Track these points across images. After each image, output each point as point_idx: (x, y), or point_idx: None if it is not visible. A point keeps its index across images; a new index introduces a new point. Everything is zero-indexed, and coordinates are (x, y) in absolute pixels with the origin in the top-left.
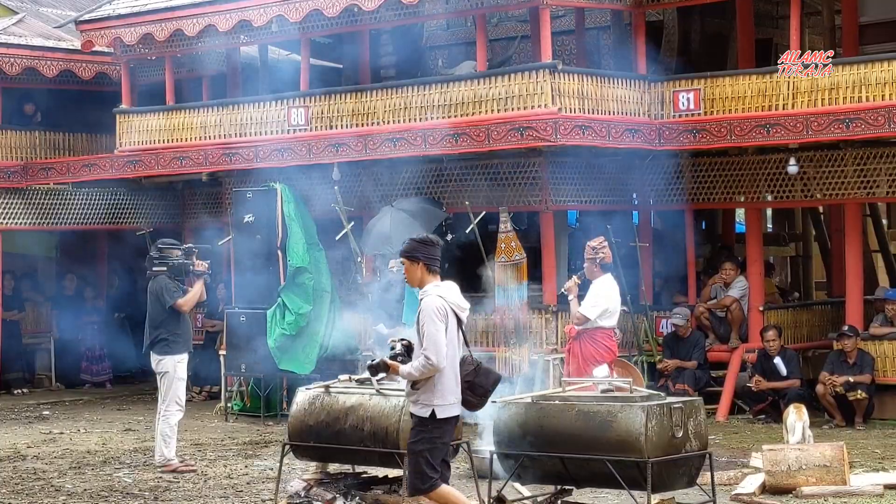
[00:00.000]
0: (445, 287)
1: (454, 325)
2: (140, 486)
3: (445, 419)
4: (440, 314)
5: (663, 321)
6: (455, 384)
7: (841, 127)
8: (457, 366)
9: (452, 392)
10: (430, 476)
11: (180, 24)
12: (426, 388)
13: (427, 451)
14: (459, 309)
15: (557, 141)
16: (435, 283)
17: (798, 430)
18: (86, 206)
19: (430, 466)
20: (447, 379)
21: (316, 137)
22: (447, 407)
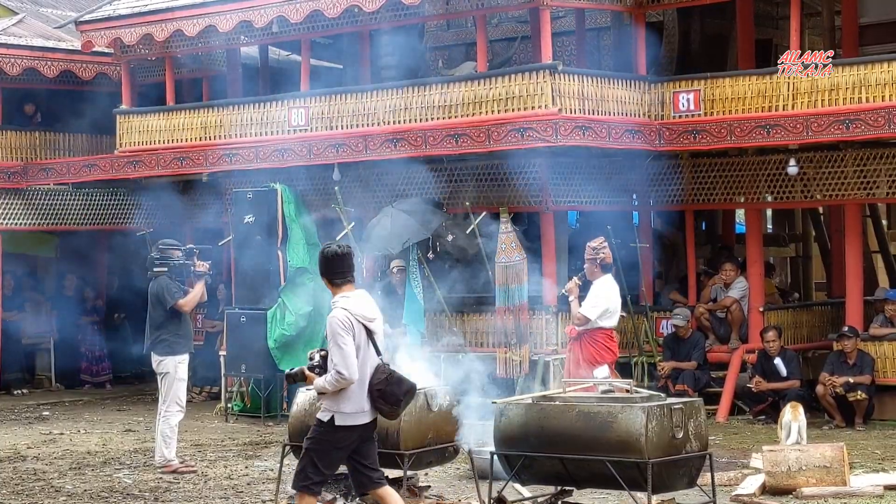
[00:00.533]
0: (354, 298)
1: (362, 335)
2: (140, 487)
3: (344, 427)
4: (344, 326)
5: (663, 322)
6: (360, 394)
7: (841, 128)
8: (365, 376)
9: (356, 402)
10: (308, 477)
11: (180, 25)
12: (331, 394)
13: (315, 453)
14: (366, 319)
15: (557, 141)
16: (343, 294)
17: (793, 430)
18: (86, 207)
19: (313, 468)
20: (352, 388)
21: (316, 138)
22: (347, 416)
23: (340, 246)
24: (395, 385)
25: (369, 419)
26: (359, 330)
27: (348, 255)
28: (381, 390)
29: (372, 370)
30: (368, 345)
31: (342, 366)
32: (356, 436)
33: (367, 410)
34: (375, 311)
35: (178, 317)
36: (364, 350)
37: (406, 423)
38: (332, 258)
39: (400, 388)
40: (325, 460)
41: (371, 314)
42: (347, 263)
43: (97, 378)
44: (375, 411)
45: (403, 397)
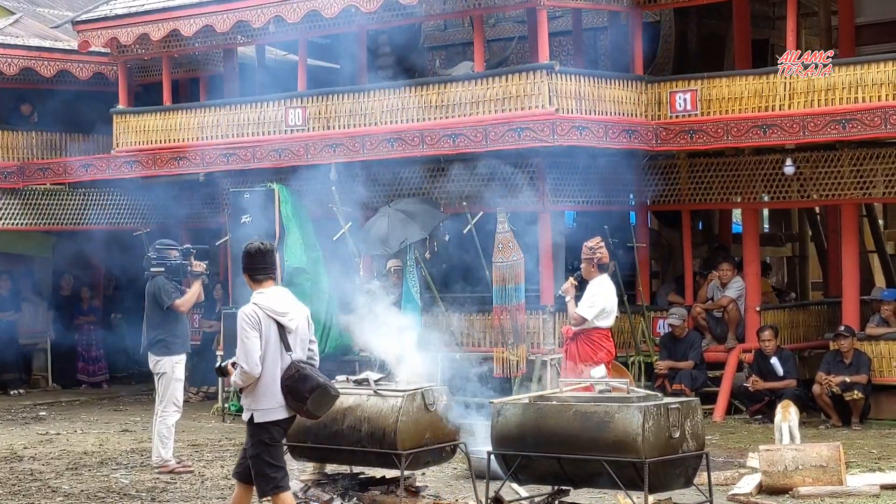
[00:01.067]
0: (268, 294)
1: (273, 331)
2: (137, 487)
3: (265, 423)
4: (250, 322)
5: (660, 321)
6: (274, 390)
7: (837, 128)
8: (277, 371)
9: (270, 398)
10: (272, 476)
11: (177, 25)
12: (248, 392)
13: (265, 454)
14: (277, 315)
15: (555, 141)
16: (260, 290)
17: (784, 431)
18: (83, 207)
19: (269, 466)
20: (264, 384)
21: (313, 138)
22: (265, 412)
23: (263, 243)
24: (300, 382)
25: (286, 415)
26: (268, 325)
27: (270, 252)
28: (288, 386)
29: (284, 367)
30: (279, 341)
31: (243, 360)
32: (280, 431)
33: (283, 406)
34: (290, 306)
35: (174, 317)
36: (273, 346)
37: (403, 423)
38: (254, 254)
39: (305, 384)
40: (275, 454)
41: (283, 309)
42: (269, 260)
43: (94, 378)
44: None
45: (308, 394)
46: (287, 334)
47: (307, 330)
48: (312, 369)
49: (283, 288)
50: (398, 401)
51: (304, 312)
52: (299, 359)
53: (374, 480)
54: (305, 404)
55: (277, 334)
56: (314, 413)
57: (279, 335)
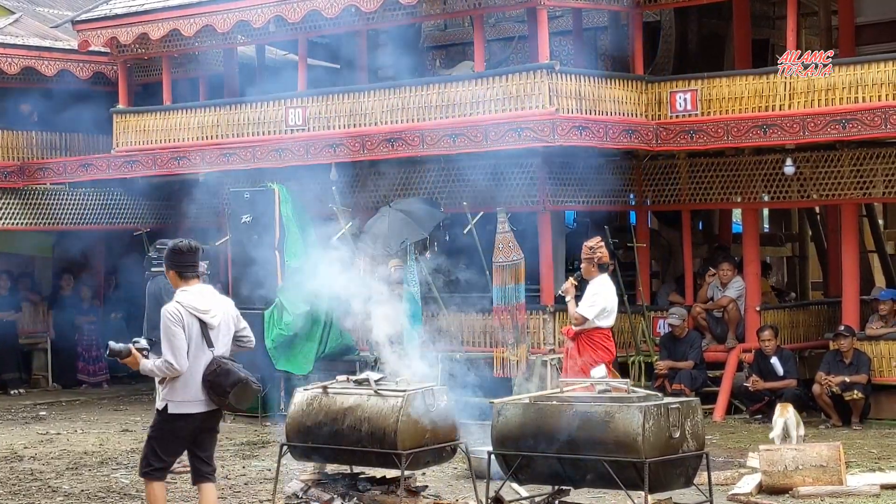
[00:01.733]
0: (191, 292)
1: (195, 328)
2: (137, 487)
3: (177, 415)
4: (174, 319)
5: (660, 321)
6: (192, 385)
7: (837, 127)
8: (197, 366)
9: (187, 391)
10: (150, 464)
11: (177, 24)
12: (167, 383)
13: (155, 441)
14: (199, 312)
15: (555, 141)
16: (183, 288)
17: (778, 425)
18: (82, 207)
19: (154, 455)
20: (184, 378)
21: (313, 138)
22: (179, 404)
23: (192, 242)
24: (222, 377)
25: (203, 409)
26: (190, 322)
27: (196, 251)
28: (210, 381)
29: (207, 362)
30: (201, 337)
31: (171, 356)
32: (194, 425)
33: (201, 401)
34: (211, 304)
35: None
36: (196, 342)
37: (403, 423)
38: (184, 252)
39: (227, 379)
40: (165, 447)
41: (204, 307)
42: (195, 259)
43: (94, 378)
44: (212, 402)
45: (230, 388)
46: (209, 331)
47: (231, 324)
48: (234, 364)
49: (207, 286)
50: (398, 401)
51: (227, 308)
52: (221, 355)
53: (374, 480)
54: (227, 398)
55: (199, 331)
56: (236, 406)
57: (201, 332)
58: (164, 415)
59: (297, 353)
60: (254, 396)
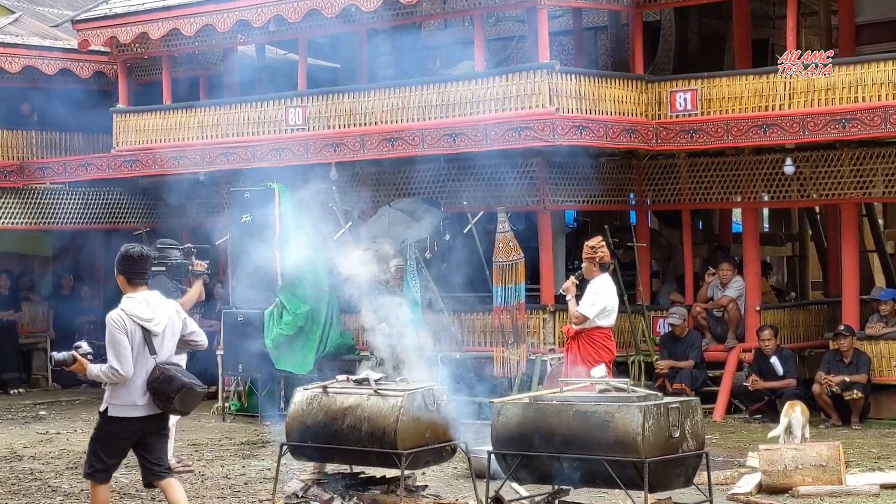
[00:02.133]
0: (136, 299)
1: (138, 335)
2: (137, 487)
3: (117, 417)
4: (117, 326)
5: (660, 321)
6: (134, 389)
7: (837, 127)
8: (140, 372)
9: (128, 396)
10: (93, 465)
11: (177, 24)
12: (109, 387)
13: (98, 442)
14: (142, 320)
15: (555, 141)
16: (129, 294)
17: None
18: (82, 206)
19: (96, 457)
20: (126, 382)
21: (313, 137)
22: (119, 407)
23: (144, 249)
24: (165, 383)
25: (144, 413)
26: (133, 329)
27: (147, 259)
28: (154, 388)
29: (150, 368)
30: (144, 345)
31: (116, 362)
32: (134, 428)
33: (143, 405)
34: (155, 312)
35: None
36: (138, 349)
37: (403, 422)
38: (136, 259)
39: (170, 385)
40: (107, 449)
41: (147, 315)
42: (146, 266)
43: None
44: (155, 407)
45: (174, 394)
46: (152, 338)
47: (177, 329)
48: (177, 370)
49: (154, 292)
50: (398, 400)
51: (172, 314)
52: (164, 361)
53: (374, 480)
54: (172, 403)
55: (142, 338)
56: (182, 410)
57: (144, 339)
58: (104, 417)
59: (297, 353)
60: (199, 399)
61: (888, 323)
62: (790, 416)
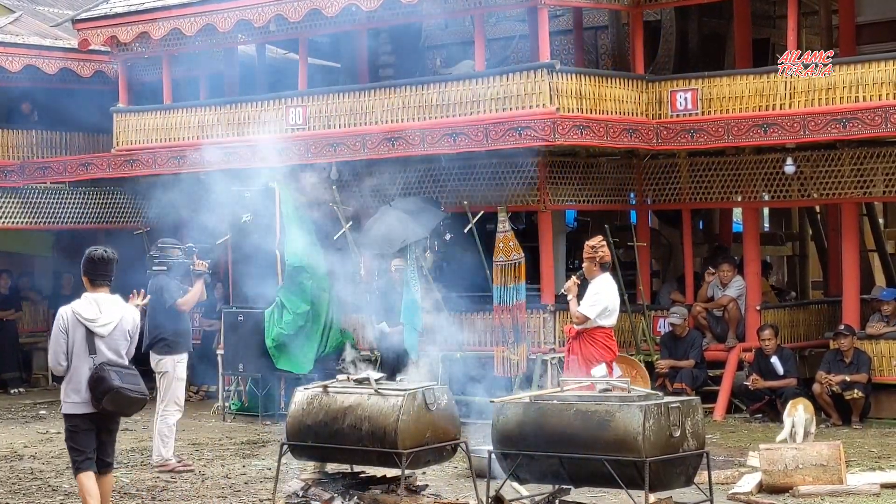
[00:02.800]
0: (88, 300)
1: (78, 333)
2: (137, 486)
3: (69, 415)
4: (59, 323)
5: (661, 320)
6: (78, 387)
7: (838, 127)
8: (83, 370)
9: (73, 393)
10: (74, 459)
11: (178, 24)
12: (62, 384)
13: (68, 440)
14: (86, 320)
15: (555, 141)
16: (86, 294)
17: (787, 425)
18: (83, 205)
19: (71, 449)
20: (72, 381)
21: (314, 137)
22: (68, 404)
23: (106, 251)
24: (96, 383)
25: (88, 411)
26: (75, 328)
27: (110, 261)
28: (89, 387)
29: (90, 367)
30: (84, 344)
31: (51, 356)
32: (86, 423)
33: (85, 402)
34: (102, 313)
35: (177, 316)
36: (79, 347)
37: (404, 422)
38: (97, 261)
39: (99, 386)
40: (77, 441)
41: (91, 316)
42: (108, 268)
43: None
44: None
45: (102, 396)
46: (95, 338)
47: (129, 332)
48: (111, 371)
49: (113, 296)
50: (399, 400)
51: (126, 318)
52: (105, 361)
53: (374, 479)
54: (102, 403)
55: (84, 337)
56: (114, 412)
57: (85, 338)
58: (63, 414)
59: (298, 352)
60: (133, 403)
61: (889, 322)
62: (793, 417)
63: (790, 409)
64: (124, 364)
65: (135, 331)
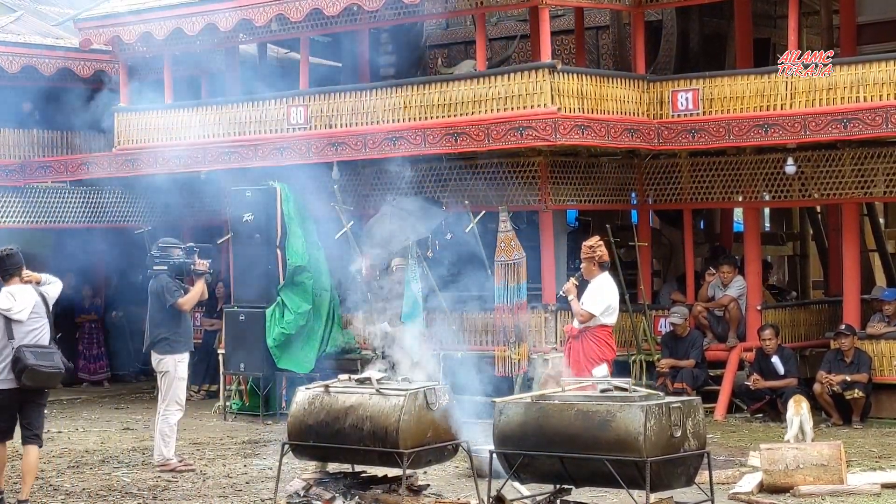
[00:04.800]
0: (6, 292)
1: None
2: (139, 486)
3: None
4: None
5: (662, 320)
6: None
7: (839, 127)
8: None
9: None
10: None
11: (179, 23)
12: None
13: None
14: (3, 310)
15: (557, 140)
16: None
17: (794, 424)
18: (84, 205)
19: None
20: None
21: (315, 136)
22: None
23: (8, 249)
24: (14, 363)
25: (14, 386)
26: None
27: (13, 256)
28: (11, 367)
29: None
30: (4, 330)
31: None
32: (12, 398)
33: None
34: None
35: (178, 315)
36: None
37: (405, 421)
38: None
39: (16, 366)
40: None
41: (6, 306)
42: (11, 262)
43: (95, 376)
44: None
45: (20, 374)
46: (12, 325)
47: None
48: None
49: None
50: (400, 399)
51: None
52: (25, 344)
53: (375, 479)
54: (22, 380)
55: (4, 325)
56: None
57: (5, 326)
58: None
59: (299, 352)
60: (50, 378)
61: (890, 322)
62: (800, 416)
63: (795, 407)
64: (42, 345)
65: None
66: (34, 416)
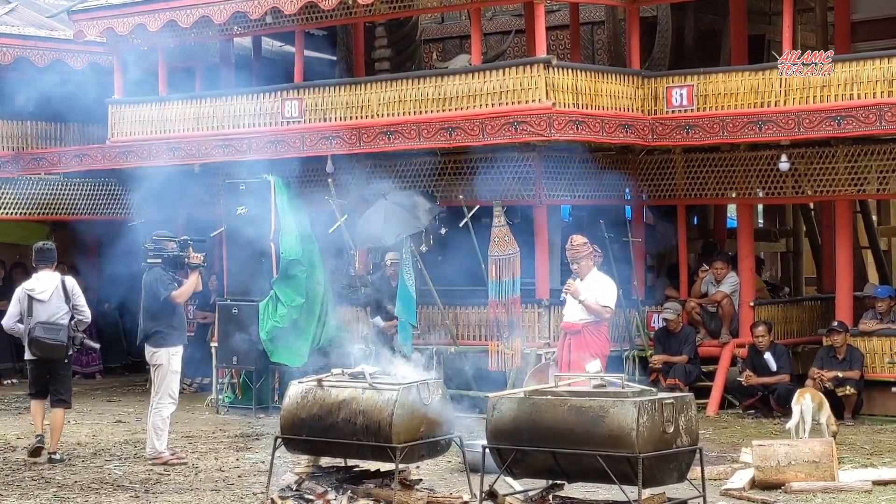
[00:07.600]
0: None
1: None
2: (131, 479)
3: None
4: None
5: (654, 316)
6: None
7: (833, 124)
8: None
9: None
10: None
11: (174, 15)
12: None
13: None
14: (28, 289)
15: (551, 136)
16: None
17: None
18: (77, 197)
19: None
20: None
21: (310, 130)
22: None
23: (45, 243)
24: (28, 335)
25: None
26: (22, 298)
27: (50, 251)
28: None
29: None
30: (28, 308)
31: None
32: (35, 367)
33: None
34: (37, 284)
35: (171, 308)
36: (26, 310)
37: (398, 416)
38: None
39: (29, 337)
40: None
41: (31, 286)
42: (45, 255)
43: (87, 369)
44: None
45: (29, 345)
46: (34, 304)
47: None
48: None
49: (52, 273)
50: (393, 394)
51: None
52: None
53: (368, 473)
54: (31, 349)
55: (27, 303)
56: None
57: (28, 303)
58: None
59: (292, 345)
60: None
61: (882, 319)
62: (801, 405)
63: (797, 397)
64: (55, 322)
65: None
66: (59, 383)
